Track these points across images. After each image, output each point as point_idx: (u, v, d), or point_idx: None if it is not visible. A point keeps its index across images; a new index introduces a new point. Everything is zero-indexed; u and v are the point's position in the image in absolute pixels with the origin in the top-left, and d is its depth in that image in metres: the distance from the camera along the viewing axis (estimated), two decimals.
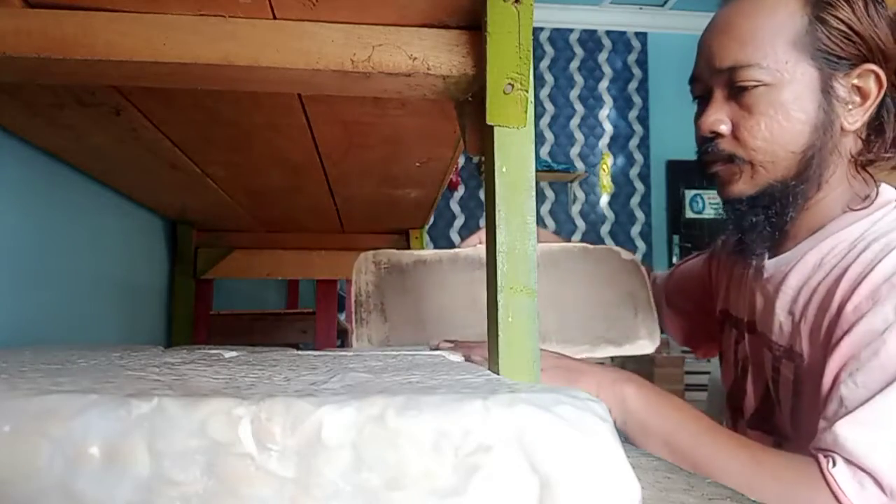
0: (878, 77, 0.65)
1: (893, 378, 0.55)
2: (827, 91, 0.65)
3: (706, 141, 0.71)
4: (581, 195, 4.55)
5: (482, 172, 3.91)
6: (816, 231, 0.69)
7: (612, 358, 3.49)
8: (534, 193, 0.50)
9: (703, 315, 0.95)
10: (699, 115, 0.73)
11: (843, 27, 0.64)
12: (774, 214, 0.69)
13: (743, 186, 0.70)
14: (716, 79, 0.70)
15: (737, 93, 0.67)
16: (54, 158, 0.90)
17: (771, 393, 0.73)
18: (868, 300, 0.58)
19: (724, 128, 0.69)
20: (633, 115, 4.62)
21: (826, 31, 0.64)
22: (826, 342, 0.63)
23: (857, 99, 0.66)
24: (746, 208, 0.70)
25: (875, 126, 0.67)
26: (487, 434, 0.21)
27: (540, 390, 0.24)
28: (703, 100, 0.73)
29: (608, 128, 4.62)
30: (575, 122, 4.61)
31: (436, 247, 4.38)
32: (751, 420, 0.77)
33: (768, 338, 0.73)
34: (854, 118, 0.66)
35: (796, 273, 0.69)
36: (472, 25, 0.53)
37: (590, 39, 4.67)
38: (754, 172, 0.68)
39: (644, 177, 4.60)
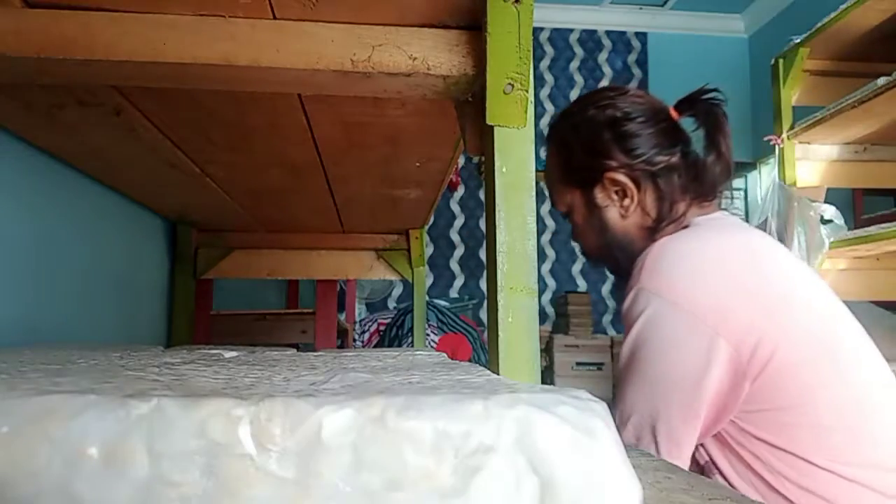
0: (615, 179, 0.81)
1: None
2: (592, 203, 0.84)
3: None
4: None
5: (482, 172, 3.90)
6: None
7: (612, 354, 3.43)
8: (534, 193, 0.50)
9: None
10: None
11: (570, 161, 0.85)
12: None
13: (611, 270, 0.92)
14: None
15: None
16: (54, 158, 0.90)
17: None
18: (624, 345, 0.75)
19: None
20: None
21: (570, 168, 0.85)
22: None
23: (616, 196, 0.82)
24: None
25: (659, 197, 0.81)
26: (488, 435, 0.21)
27: (540, 390, 0.24)
28: None
29: None
30: None
31: (436, 247, 4.38)
32: None
33: None
34: (624, 209, 0.83)
35: None
36: (472, 25, 0.53)
37: (590, 39, 4.67)
38: (603, 264, 0.90)
39: None
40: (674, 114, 0.85)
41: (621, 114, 0.81)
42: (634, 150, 0.80)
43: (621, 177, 0.81)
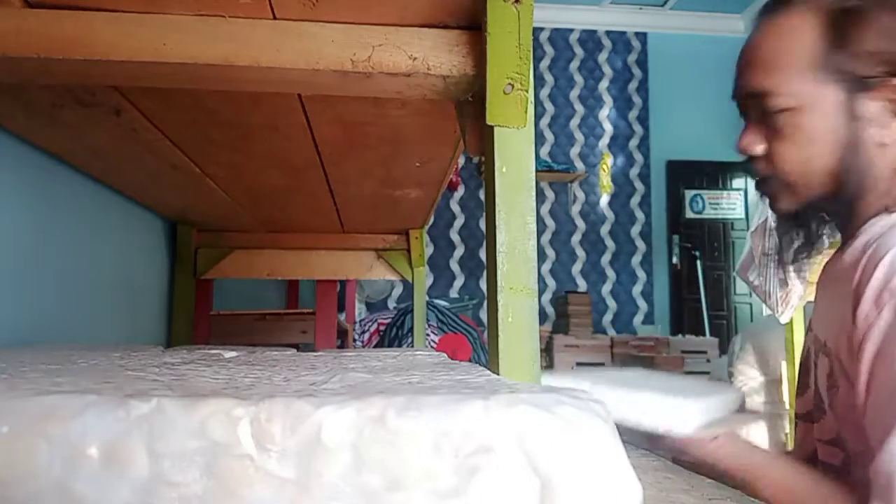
0: None
1: None
2: (853, 111, 0.64)
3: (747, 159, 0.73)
4: (581, 195, 4.55)
5: (482, 172, 3.91)
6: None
7: (612, 354, 3.45)
8: (534, 193, 0.50)
9: None
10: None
11: (862, 48, 0.63)
12: (823, 223, 0.72)
13: (786, 204, 0.71)
14: (748, 102, 0.71)
15: (768, 116, 0.68)
16: (54, 158, 0.90)
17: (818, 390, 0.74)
18: (873, 308, 0.58)
19: (759, 150, 0.70)
20: (633, 115, 4.62)
21: (845, 53, 0.64)
22: (848, 342, 0.62)
23: (889, 115, 0.64)
24: (794, 221, 0.73)
25: None
26: (488, 435, 0.21)
27: (540, 391, 0.24)
28: (744, 115, 0.75)
29: (608, 128, 4.62)
30: (575, 122, 4.61)
31: (436, 247, 4.38)
32: (803, 416, 0.78)
33: (815, 335, 0.74)
34: (891, 133, 0.65)
35: (840, 272, 0.69)
36: (472, 25, 0.53)
37: (590, 39, 4.67)
38: (793, 191, 0.69)
39: (644, 177, 4.60)
40: None
41: None
42: None
43: None
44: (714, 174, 4.54)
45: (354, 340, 3.00)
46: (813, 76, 0.65)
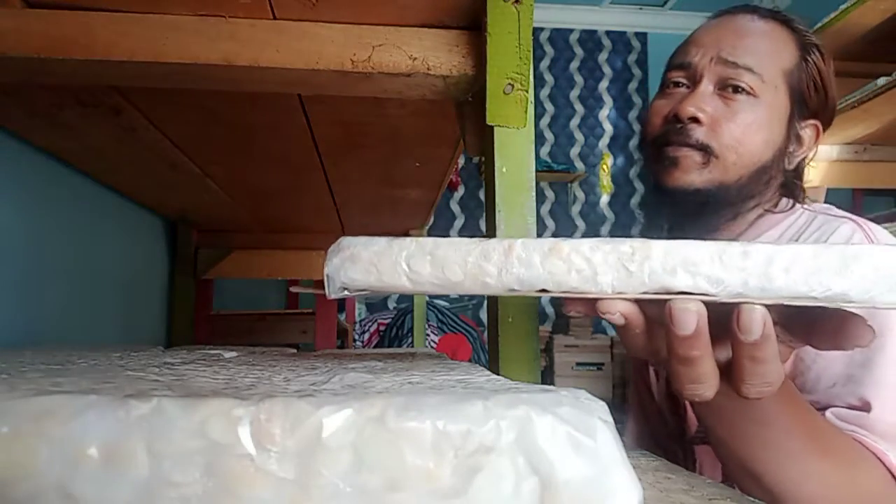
0: (817, 131, 0.74)
1: None
2: (790, 126, 0.72)
3: (672, 123, 0.73)
4: (581, 195, 4.55)
5: (482, 172, 3.90)
6: (739, 235, 0.74)
7: (612, 354, 3.46)
8: (534, 193, 0.50)
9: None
10: (663, 101, 0.77)
11: (815, 77, 0.73)
12: (707, 213, 0.71)
13: (696, 177, 0.71)
14: (713, 70, 0.73)
15: (726, 92, 0.71)
16: (54, 158, 0.90)
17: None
18: None
19: (704, 117, 0.71)
20: (633, 115, 4.62)
21: (804, 75, 0.73)
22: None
23: (796, 145, 0.74)
24: (682, 201, 0.71)
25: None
26: (488, 435, 0.21)
27: (540, 391, 0.24)
28: (671, 86, 0.78)
29: (608, 128, 4.62)
30: (575, 122, 4.61)
31: None
32: (696, 437, 0.75)
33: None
34: (792, 161, 0.74)
35: None
36: (472, 25, 0.53)
37: (590, 39, 4.67)
38: (713, 167, 0.70)
39: (644, 177, 4.59)
40: None
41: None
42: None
43: (821, 131, 0.75)
44: None
45: (354, 340, 3.00)
46: (782, 79, 0.72)
